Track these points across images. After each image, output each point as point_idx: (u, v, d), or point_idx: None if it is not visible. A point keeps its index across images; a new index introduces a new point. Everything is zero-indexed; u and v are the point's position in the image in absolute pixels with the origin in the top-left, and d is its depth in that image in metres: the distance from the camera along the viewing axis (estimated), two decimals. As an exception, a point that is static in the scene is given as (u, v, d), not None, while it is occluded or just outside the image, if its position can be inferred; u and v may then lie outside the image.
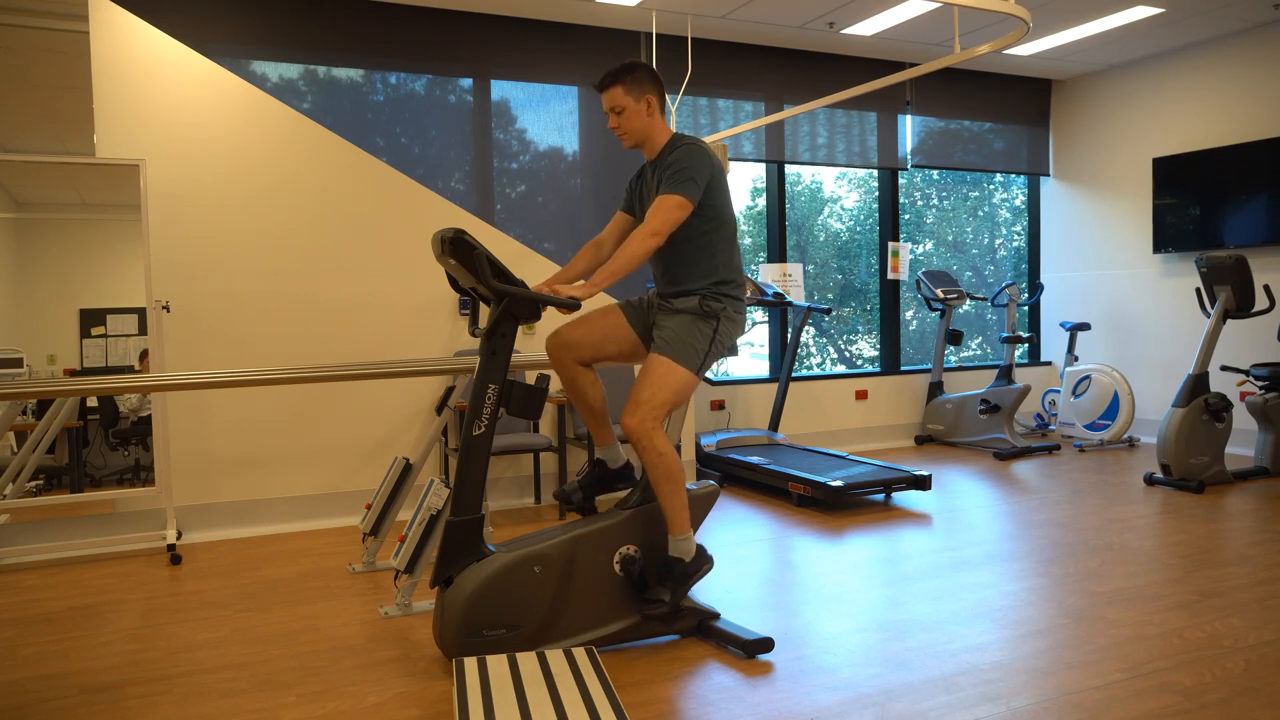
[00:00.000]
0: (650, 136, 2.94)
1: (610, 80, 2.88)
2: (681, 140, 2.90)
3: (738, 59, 6.41)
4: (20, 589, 3.74)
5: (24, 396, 3.66)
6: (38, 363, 4.29)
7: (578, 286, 2.77)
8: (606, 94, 2.90)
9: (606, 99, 2.90)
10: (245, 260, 4.63)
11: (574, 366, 3.02)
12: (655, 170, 2.92)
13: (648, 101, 2.90)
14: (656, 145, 2.94)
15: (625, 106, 2.88)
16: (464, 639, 2.71)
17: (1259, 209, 6.21)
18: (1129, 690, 2.59)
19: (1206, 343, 5.26)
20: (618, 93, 2.87)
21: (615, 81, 2.87)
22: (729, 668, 2.81)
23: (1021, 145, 7.61)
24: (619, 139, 2.97)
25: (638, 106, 2.89)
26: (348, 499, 4.83)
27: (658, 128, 2.94)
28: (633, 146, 2.97)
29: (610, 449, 3.18)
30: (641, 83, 2.89)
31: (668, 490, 2.84)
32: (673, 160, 2.83)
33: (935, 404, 6.98)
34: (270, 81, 5.25)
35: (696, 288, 2.90)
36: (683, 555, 2.90)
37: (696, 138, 2.93)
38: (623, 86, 2.87)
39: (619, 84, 2.87)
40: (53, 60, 4.41)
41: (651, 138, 2.94)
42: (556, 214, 5.99)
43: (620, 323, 3.04)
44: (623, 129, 2.92)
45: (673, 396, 2.82)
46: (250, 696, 2.65)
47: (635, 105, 2.88)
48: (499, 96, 5.80)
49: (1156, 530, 4.33)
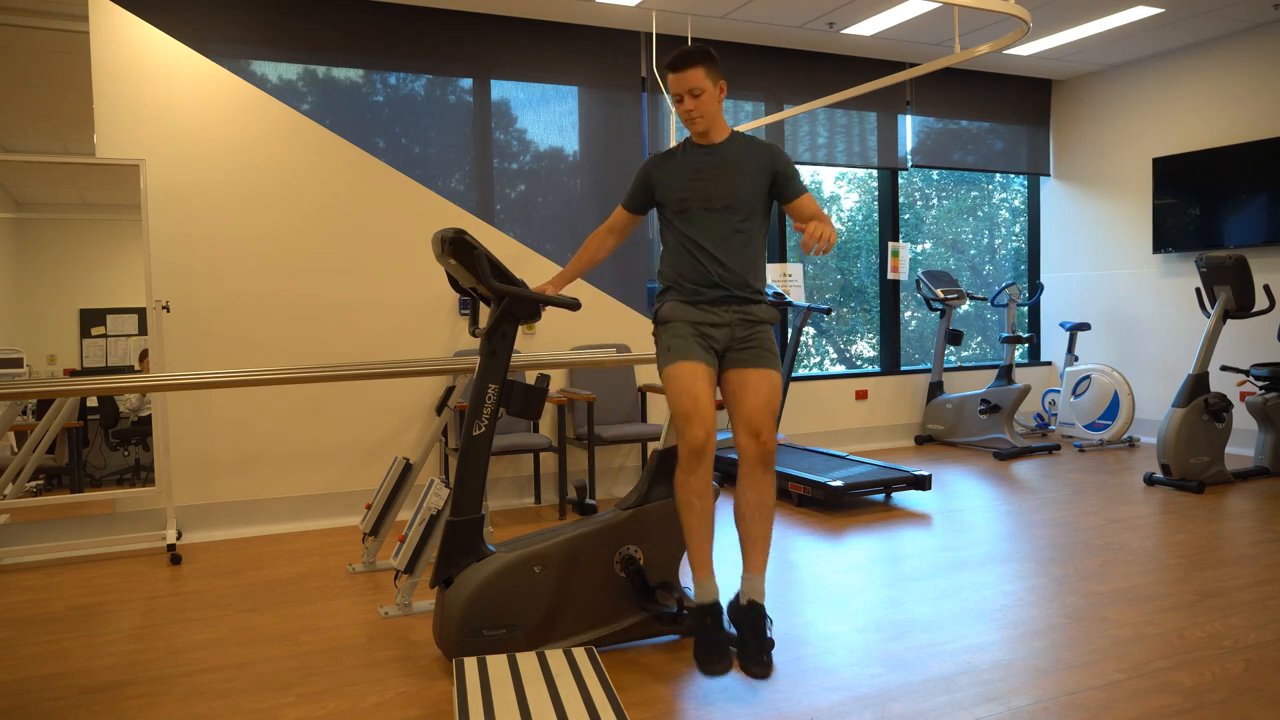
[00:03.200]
0: (716, 122, 2.85)
1: (691, 60, 2.75)
2: (753, 138, 2.90)
3: (738, 59, 6.41)
4: (20, 589, 3.74)
5: (24, 396, 3.66)
6: (38, 363, 4.29)
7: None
8: (685, 74, 2.75)
9: (683, 80, 2.75)
10: (245, 260, 4.63)
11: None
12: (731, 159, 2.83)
13: (722, 87, 2.82)
14: (722, 130, 2.87)
15: (705, 89, 2.76)
16: (464, 639, 2.71)
17: (1259, 209, 6.21)
18: (1129, 690, 2.59)
19: (1206, 343, 5.26)
20: (699, 74, 2.74)
21: (698, 62, 2.75)
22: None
23: (1021, 145, 7.61)
24: (688, 123, 2.82)
25: (714, 90, 2.79)
26: (348, 499, 4.83)
27: (722, 116, 2.89)
28: (700, 132, 2.84)
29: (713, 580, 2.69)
30: (716, 68, 2.80)
31: (772, 516, 2.69)
32: (787, 162, 2.85)
33: (935, 404, 6.98)
34: (270, 82, 5.25)
35: (761, 292, 2.86)
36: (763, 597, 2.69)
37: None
38: (704, 68, 2.75)
39: (701, 65, 2.74)
40: (53, 60, 4.41)
41: (716, 124, 2.85)
42: (556, 214, 5.98)
43: (711, 376, 2.77)
44: (699, 111, 2.78)
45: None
46: (250, 696, 2.65)
47: (713, 89, 2.79)
48: (499, 96, 5.80)
49: (1156, 530, 4.33)
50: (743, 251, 2.81)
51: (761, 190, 2.83)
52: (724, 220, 2.80)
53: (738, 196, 2.80)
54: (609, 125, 6.11)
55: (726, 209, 2.80)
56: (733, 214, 2.80)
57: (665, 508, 3.00)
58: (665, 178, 2.89)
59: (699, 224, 2.81)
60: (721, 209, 2.80)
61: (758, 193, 2.82)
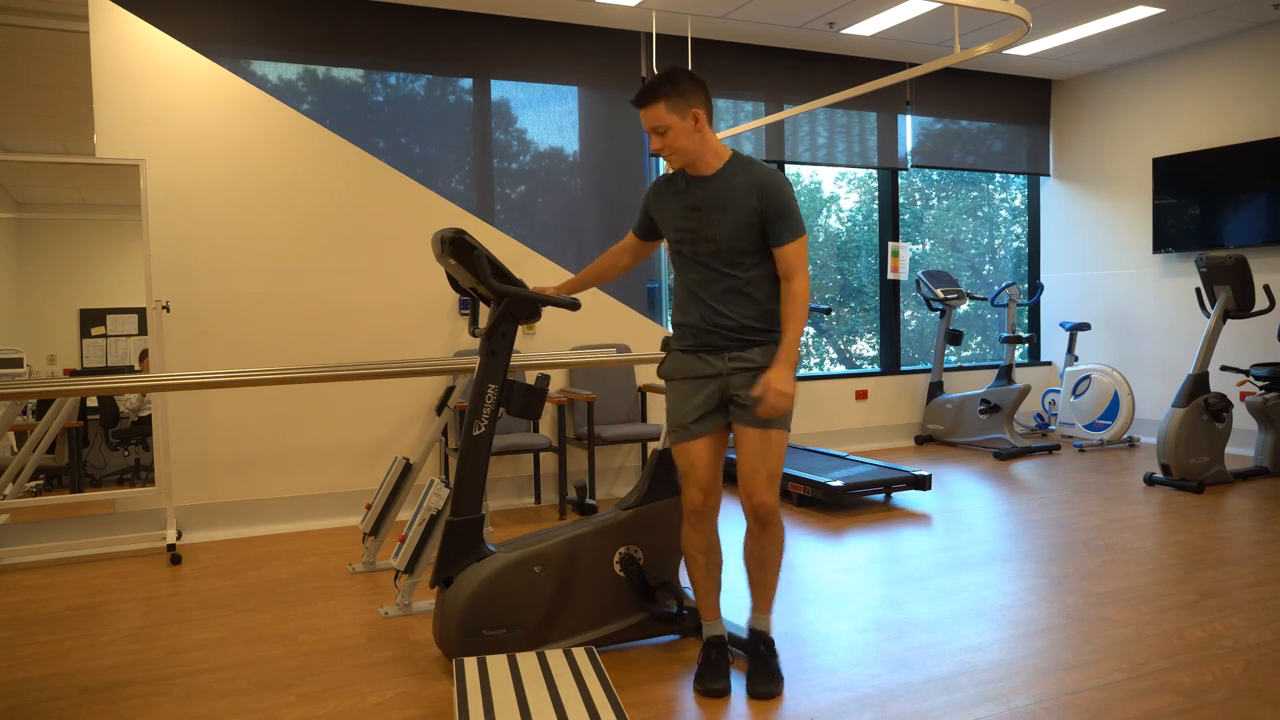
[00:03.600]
0: (701, 155, 2.52)
1: (650, 96, 2.46)
2: (752, 163, 2.54)
3: (738, 59, 6.41)
4: (20, 589, 3.74)
5: (24, 396, 3.66)
6: (38, 363, 4.29)
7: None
8: (646, 112, 2.48)
9: (647, 118, 2.48)
10: (245, 260, 4.63)
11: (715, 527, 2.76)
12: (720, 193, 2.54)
13: (694, 116, 2.47)
14: (711, 164, 2.54)
15: (670, 125, 2.46)
16: (464, 639, 2.71)
17: (1259, 209, 6.21)
18: (1129, 690, 2.59)
19: (1206, 343, 5.26)
20: (659, 110, 2.45)
21: (656, 97, 2.45)
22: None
23: (1021, 145, 7.61)
24: (665, 158, 2.54)
25: (684, 123, 2.47)
26: (348, 499, 4.83)
27: (710, 144, 2.53)
28: (681, 168, 2.57)
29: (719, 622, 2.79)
30: (685, 95, 2.47)
31: (778, 566, 2.70)
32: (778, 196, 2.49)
33: (935, 404, 6.98)
34: (270, 82, 5.26)
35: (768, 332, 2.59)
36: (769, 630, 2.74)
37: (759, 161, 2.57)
38: (665, 103, 2.45)
39: (660, 99, 2.45)
40: (53, 60, 4.41)
41: (703, 156, 2.53)
42: (556, 214, 5.99)
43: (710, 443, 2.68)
44: (669, 149, 2.50)
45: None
46: (250, 696, 2.65)
47: (681, 122, 2.47)
48: (499, 96, 5.80)
49: (1156, 530, 4.33)
50: (738, 297, 2.55)
51: (751, 230, 2.51)
52: (714, 263, 2.55)
53: (723, 239, 2.52)
54: (609, 125, 6.11)
55: (714, 253, 2.54)
56: (720, 259, 2.54)
57: (665, 508, 3.00)
58: (660, 213, 2.67)
59: (692, 265, 2.59)
60: (709, 253, 2.55)
61: (747, 233, 2.51)
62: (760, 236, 2.53)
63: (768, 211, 2.49)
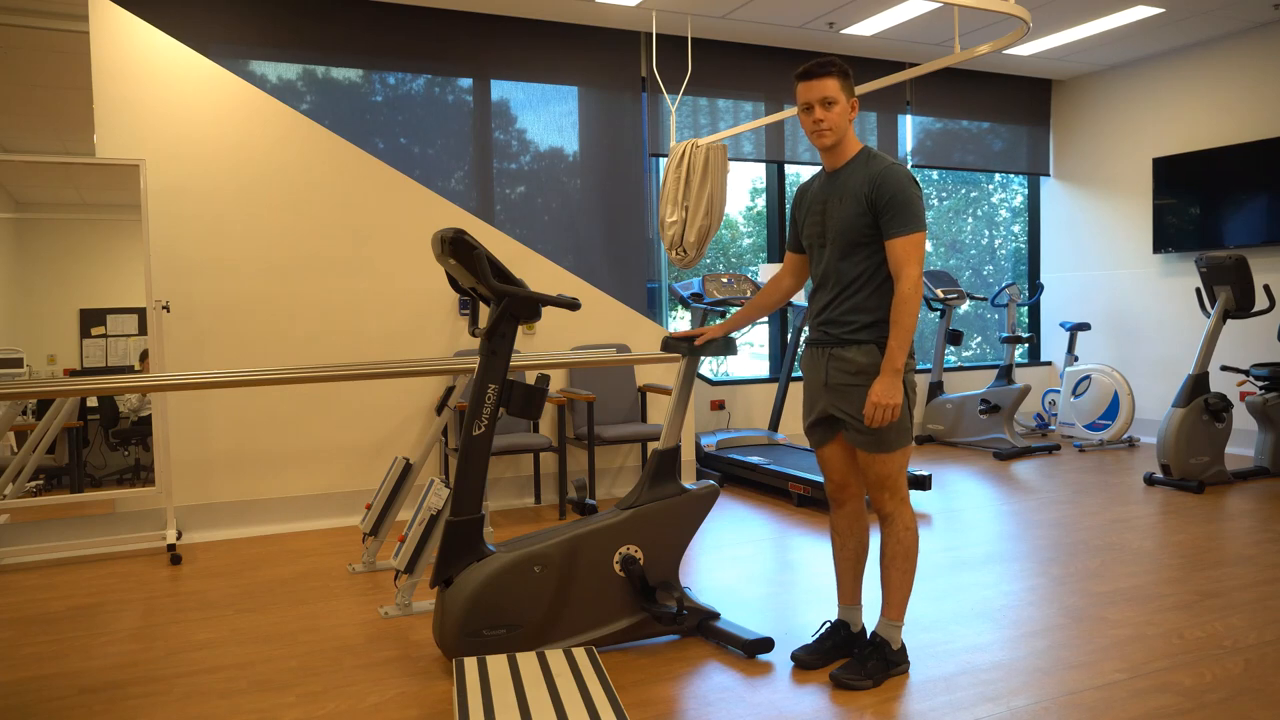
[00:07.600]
0: (847, 137, 2.67)
1: (826, 70, 2.60)
2: (883, 159, 2.63)
3: (738, 59, 6.41)
4: (20, 589, 3.74)
5: (24, 396, 3.66)
6: (38, 363, 4.29)
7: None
8: (818, 83, 2.59)
9: (816, 89, 2.60)
10: (245, 260, 4.63)
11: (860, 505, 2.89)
12: (843, 185, 2.64)
13: (854, 103, 2.66)
14: (847, 153, 2.67)
15: (837, 100, 2.60)
16: (464, 639, 2.71)
17: (1259, 209, 6.21)
18: (1129, 690, 2.59)
19: (1206, 343, 5.26)
20: (833, 84, 2.59)
21: (833, 72, 2.60)
22: (729, 668, 2.81)
23: (1021, 145, 7.61)
24: (815, 136, 2.64)
25: (846, 104, 2.63)
26: (348, 499, 4.83)
27: (851, 133, 2.69)
28: (828, 147, 2.65)
29: (856, 608, 2.90)
30: (850, 81, 2.65)
31: (906, 569, 2.71)
32: (889, 188, 2.55)
33: (935, 404, 6.98)
34: (270, 81, 5.26)
35: (868, 328, 2.65)
36: (891, 640, 2.73)
37: (888, 157, 2.67)
38: (839, 80, 2.61)
39: (835, 76, 2.60)
40: (53, 60, 4.41)
41: (847, 139, 2.67)
42: (556, 214, 5.99)
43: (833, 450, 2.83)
44: (829, 123, 2.61)
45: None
46: (250, 696, 2.65)
47: (846, 102, 2.62)
48: (499, 96, 5.80)
49: (1156, 530, 4.33)
50: (844, 292, 2.64)
51: (861, 222, 2.59)
52: (831, 257, 2.66)
53: (837, 228, 2.62)
54: (609, 125, 6.11)
55: (830, 243, 2.66)
56: (837, 252, 2.64)
57: (665, 508, 3.00)
58: (801, 216, 2.81)
59: (816, 259, 2.73)
60: (826, 244, 2.67)
61: (858, 224, 2.59)
62: (872, 230, 2.59)
63: (877, 203, 2.57)
